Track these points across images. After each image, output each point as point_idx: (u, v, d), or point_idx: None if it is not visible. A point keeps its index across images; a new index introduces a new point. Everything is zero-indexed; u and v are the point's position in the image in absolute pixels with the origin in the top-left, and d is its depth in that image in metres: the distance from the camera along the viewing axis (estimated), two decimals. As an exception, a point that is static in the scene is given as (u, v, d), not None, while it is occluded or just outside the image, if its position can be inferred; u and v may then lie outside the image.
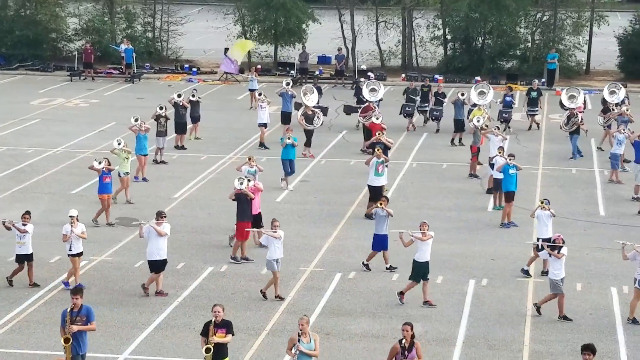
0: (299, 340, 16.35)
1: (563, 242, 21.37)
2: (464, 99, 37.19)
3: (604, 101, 38.11)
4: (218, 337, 16.81)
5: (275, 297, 21.99)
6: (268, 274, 22.56)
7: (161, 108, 34.52)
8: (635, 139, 30.32)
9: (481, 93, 36.31)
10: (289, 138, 30.89)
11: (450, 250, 25.21)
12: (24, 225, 22.60)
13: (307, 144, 35.07)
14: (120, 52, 53.12)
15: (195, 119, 37.52)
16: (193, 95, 37.55)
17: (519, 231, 26.90)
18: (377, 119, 33.67)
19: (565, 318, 21.01)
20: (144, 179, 31.71)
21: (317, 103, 36.93)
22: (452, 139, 37.08)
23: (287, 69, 53.68)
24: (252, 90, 43.59)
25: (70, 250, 22.39)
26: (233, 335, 17.14)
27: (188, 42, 58.49)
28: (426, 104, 39.88)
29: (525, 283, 23.24)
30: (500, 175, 28.38)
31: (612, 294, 22.52)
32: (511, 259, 24.91)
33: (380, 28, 56.86)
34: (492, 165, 30.03)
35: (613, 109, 36.13)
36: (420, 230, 21.93)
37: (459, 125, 37.01)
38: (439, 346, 19.73)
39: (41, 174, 32.60)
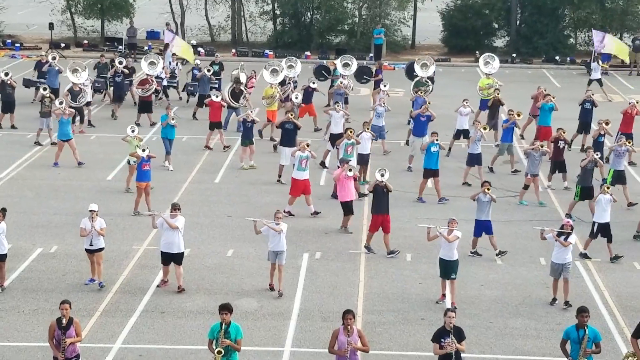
0: None
1: (571, 229, 20.88)
2: (210, 75, 37.75)
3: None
4: None
5: (270, 286, 21.32)
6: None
7: (44, 89, 33.74)
8: (419, 113, 31.22)
9: (273, 72, 36.34)
10: (173, 118, 30.43)
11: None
12: None
13: (80, 120, 34.98)
14: (-62, 28, 51.03)
15: None
16: None
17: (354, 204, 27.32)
18: (217, 97, 33.39)
19: (561, 303, 20.83)
20: (55, 164, 30.55)
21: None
22: (194, 113, 37.29)
23: (115, 44, 52.73)
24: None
25: (91, 245, 21.19)
26: None
27: (9, 17, 56.65)
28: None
29: (357, 255, 23.67)
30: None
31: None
32: (344, 231, 25.34)
33: (209, 3, 56.55)
34: (332, 142, 30.56)
35: (289, 83, 36.75)
36: (448, 227, 20.90)
37: (200, 100, 37.34)
38: (275, 320, 19.90)
39: None
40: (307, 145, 26.89)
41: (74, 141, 30.96)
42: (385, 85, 35.62)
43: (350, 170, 24.86)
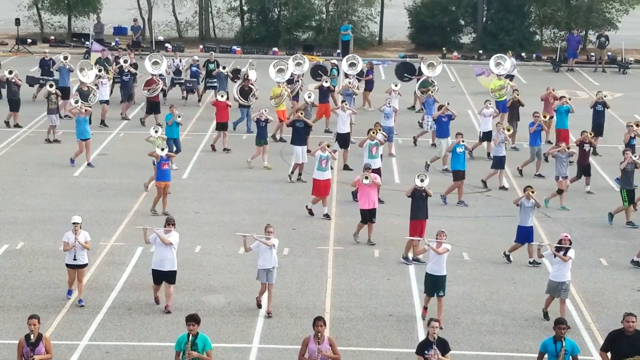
0: None
1: (570, 244, 19.91)
2: (226, 72, 37.64)
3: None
4: None
5: (266, 312, 19.98)
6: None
7: (51, 85, 33.29)
8: (439, 115, 30.84)
9: (280, 70, 36.17)
10: (179, 116, 29.88)
11: (252, 221, 25.40)
12: None
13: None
14: None
15: None
16: None
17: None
18: (222, 96, 32.74)
19: (545, 315, 19.92)
20: (71, 162, 30.12)
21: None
22: None
23: (82, 40, 52.46)
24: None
25: (74, 260, 20.00)
26: None
27: (-25, 12, 56.27)
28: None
29: (325, 251, 23.70)
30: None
31: (408, 259, 23.29)
32: (311, 227, 25.35)
33: (176, -1, 56.48)
34: (339, 143, 30.50)
35: (297, 81, 36.46)
36: (437, 239, 19.95)
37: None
38: (243, 317, 19.86)
39: None
40: (328, 146, 26.34)
41: (91, 141, 30.61)
42: (396, 85, 35.09)
43: (366, 177, 23.95)
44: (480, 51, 52.14)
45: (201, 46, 52.27)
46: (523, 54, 51.85)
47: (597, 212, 27.00)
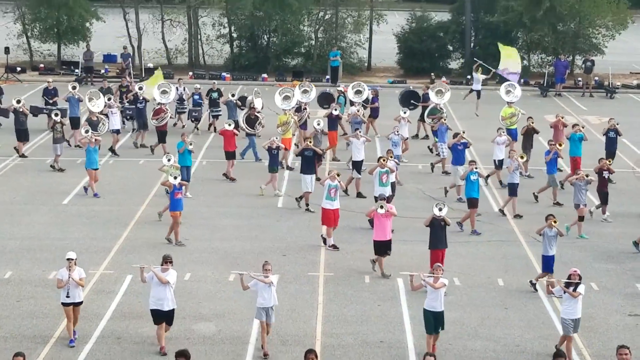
0: None
1: (580, 279, 19.48)
2: (235, 100, 37.26)
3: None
4: None
5: (263, 354, 19.30)
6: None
7: (56, 115, 33.14)
8: (454, 143, 30.76)
9: (286, 98, 36.02)
10: (190, 144, 29.77)
11: (242, 247, 25.34)
12: None
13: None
14: None
15: None
16: None
17: (308, 227, 27.26)
18: (230, 125, 32.45)
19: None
20: (95, 195, 29.82)
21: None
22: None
23: (72, 67, 52.49)
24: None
25: (67, 297, 19.37)
26: None
27: (-36, 41, 56.20)
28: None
29: (315, 278, 23.61)
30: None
31: (398, 285, 23.21)
32: (302, 254, 25.28)
33: (166, 26, 56.53)
34: (355, 170, 30.37)
35: (304, 109, 36.14)
36: (434, 274, 19.52)
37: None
38: (233, 345, 19.75)
39: None
40: (338, 175, 26.05)
41: (99, 172, 30.52)
42: (405, 112, 35.01)
43: (381, 207, 23.54)
44: (469, 76, 52.21)
45: (190, 73, 52.34)
46: (511, 79, 51.94)
47: (588, 236, 26.96)
